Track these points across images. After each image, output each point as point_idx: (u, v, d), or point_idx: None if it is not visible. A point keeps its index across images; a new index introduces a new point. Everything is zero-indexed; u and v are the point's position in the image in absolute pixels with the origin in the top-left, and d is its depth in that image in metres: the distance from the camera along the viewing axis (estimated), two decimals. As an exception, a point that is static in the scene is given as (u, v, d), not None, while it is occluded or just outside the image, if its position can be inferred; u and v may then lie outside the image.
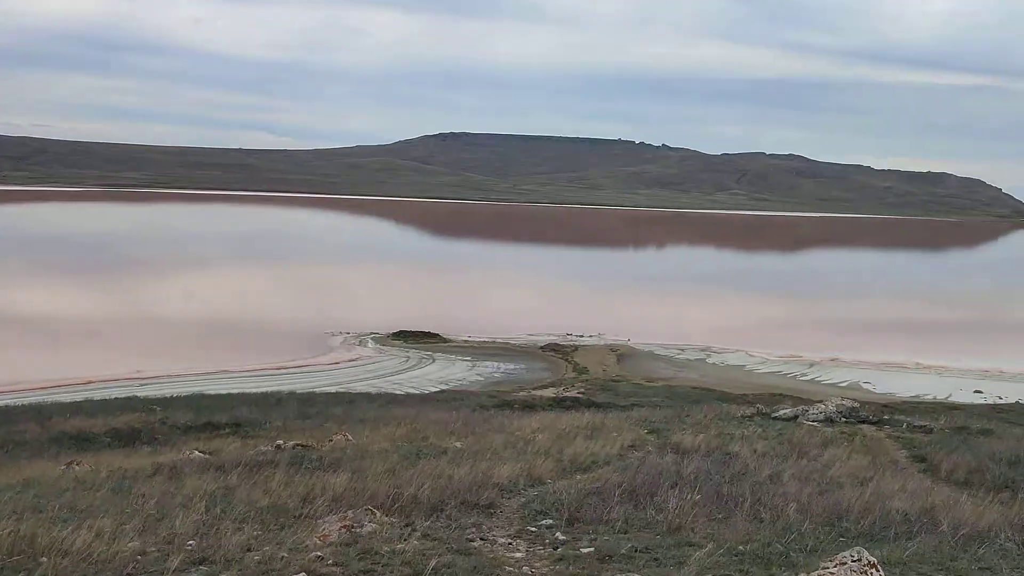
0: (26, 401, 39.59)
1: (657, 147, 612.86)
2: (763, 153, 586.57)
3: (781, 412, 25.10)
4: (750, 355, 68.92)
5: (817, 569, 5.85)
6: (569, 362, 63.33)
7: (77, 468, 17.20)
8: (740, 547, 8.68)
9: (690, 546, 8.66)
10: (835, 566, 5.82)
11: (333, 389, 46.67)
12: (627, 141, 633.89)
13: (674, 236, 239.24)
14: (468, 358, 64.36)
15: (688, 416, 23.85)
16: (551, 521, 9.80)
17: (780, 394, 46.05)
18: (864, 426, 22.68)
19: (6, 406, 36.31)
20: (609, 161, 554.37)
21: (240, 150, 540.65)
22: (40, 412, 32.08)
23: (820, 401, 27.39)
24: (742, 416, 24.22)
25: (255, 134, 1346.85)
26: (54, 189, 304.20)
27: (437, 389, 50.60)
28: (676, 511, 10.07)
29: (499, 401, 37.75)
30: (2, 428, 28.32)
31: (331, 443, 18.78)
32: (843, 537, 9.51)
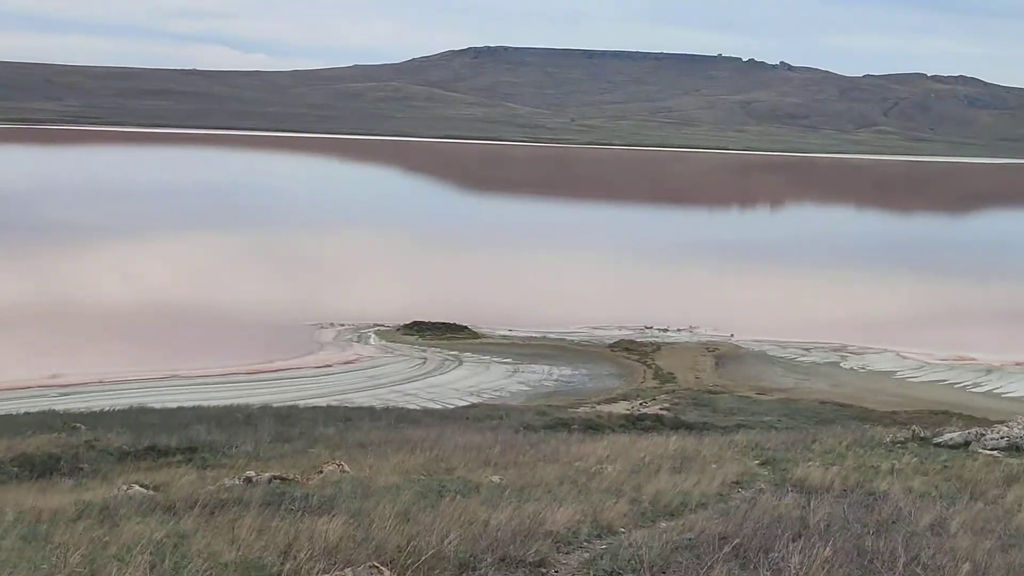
0: (-96, 416, 40.05)
1: (774, 66, 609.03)
2: (922, 75, 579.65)
3: (947, 437, 24.81)
4: (902, 357, 68.29)
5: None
6: (649, 366, 63.13)
7: (-25, 508, 17.40)
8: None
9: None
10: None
11: (323, 402, 46.74)
12: (731, 58, 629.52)
13: (797, 191, 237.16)
14: (508, 360, 64.33)
15: (816, 442, 23.63)
16: (626, 586, 9.75)
17: (945, 412, 45.61)
18: (1064, 457, 22.39)
19: None
20: (706, 86, 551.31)
21: (195, 72, 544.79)
22: (-77, 432, 32.44)
23: (1001, 422, 27.03)
24: (892, 442, 23.95)
25: (214, 50, 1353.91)
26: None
27: (466, 403, 50.66)
28: (800, 572, 9.98)
29: (552, 419, 37.71)
30: None
31: (320, 476, 18.84)
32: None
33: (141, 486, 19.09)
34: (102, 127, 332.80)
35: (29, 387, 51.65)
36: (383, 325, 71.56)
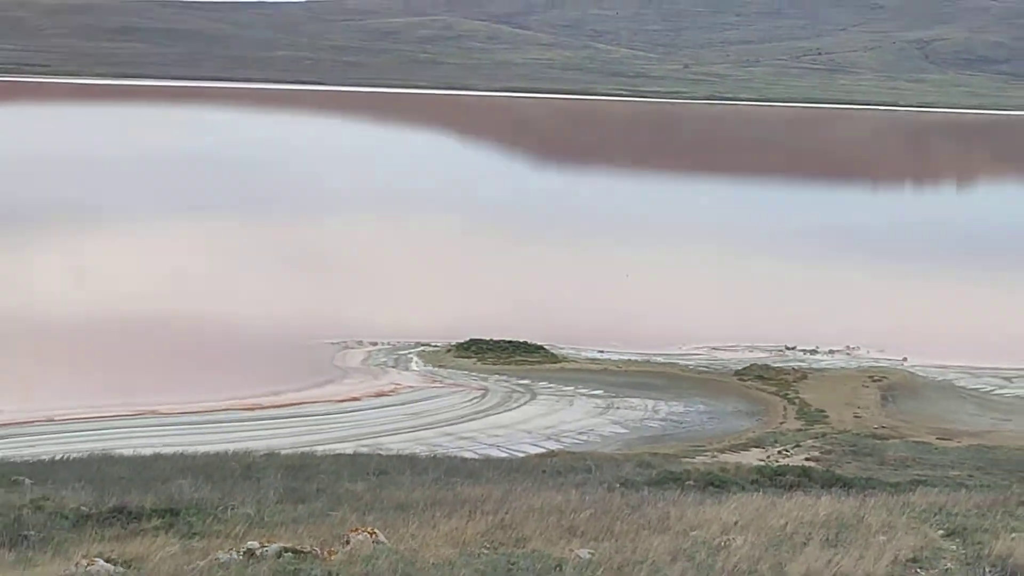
0: None
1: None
2: None
3: None
4: None
5: None
6: (791, 401, 62.87)
7: None
8: None
9: None
10: None
11: (349, 447, 46.95)
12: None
13: (993, 163, 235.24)
14: (598, 392, 64.26)
15: (1021, 504, 23.49)
16: None
17: None
18: None
19: None
20: (870, 20, 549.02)
21: (179, 2, 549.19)
22: None
23: None
24: (1125, 507, 23.78)
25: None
26: None
27: (542, 450, 50.67)
28: None
29: (659, 473, 37.63)
30: None
31: (347, 548, 18.92)
32: None
33: (106, 561, 19.25)
34: (52, 77, 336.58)
35: (-43, 427, 52.23)
36: (429, 345, 71.69)
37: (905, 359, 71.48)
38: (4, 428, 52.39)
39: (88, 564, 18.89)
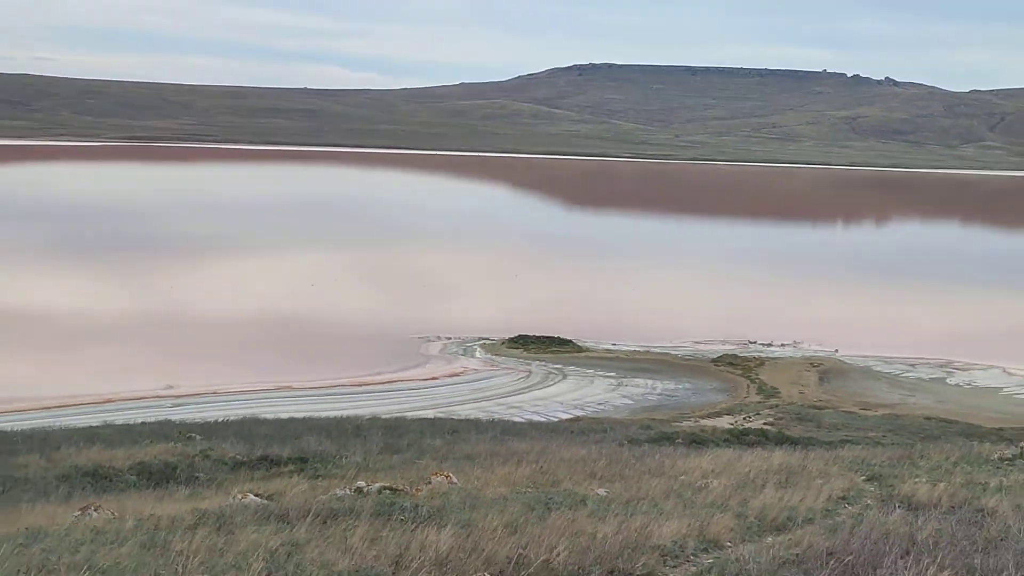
0: (27, 425, 40.69)
1: (879, 82, 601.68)
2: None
3: (1057, 454, 24.37)
4: (1010, 373, 67.03)
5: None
6: (752, 381, 62.64)
7: (95, 515, 17.66)
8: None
9: (931, 641, 8.44)
10: None
11: (430, 413, 46.84)
12: (836, 74, 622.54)
13: (901, 207, 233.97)
14: (612, 374, 64.15)
15: (922, 457, 23.27)
16: (734, 600, 9.69)
17: (1054, 429, 44.64)
18: None
19: (2, 432, 37.47)
20: (811, 102, 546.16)
21: (306, 90, 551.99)
22: (45, 440, 32.95)
23: (1114, 439, 26.55)
24: (1000, 458, 23.51)
25: (325, 69, 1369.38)
26: (61, 143, 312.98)
27: (570, 416, 50.56)
28: (910, 590, 9.84)
29: (656, 433, 37.54)
30: (-2, 461, 29.29)
31: (429, 487, 18.90)
32: None
33: (255, 495, 19.28)
34: (216, 144, 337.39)
35: (145, 398, 52.33)
36: (488, 338, 71.62)
37: (836, 350, 71.11)
38: (181, 399, 52.72)
39: (242, 497, 18.93)
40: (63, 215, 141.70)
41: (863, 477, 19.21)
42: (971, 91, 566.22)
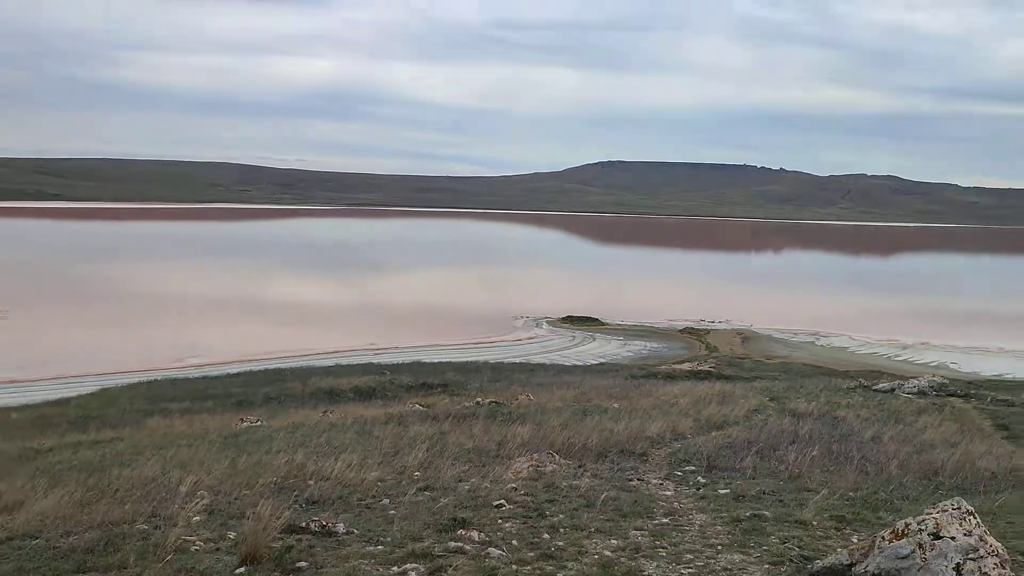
0: (292, 365, 41.46)
1: (776, 170, 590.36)
2: (865, 174, 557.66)
3: (880, 386, 23.88)
4: (852, 339, 65.70)
5: (921, 514, 5.51)
6: (702, 342, 61.97)
7: (330, 416, 17.95)
8: (851, 493, 8.31)
9: (808, 491, 8.33)
10: (937, 512, 5.47)
11: (517, 360, 47.02)
12: (751, 166, 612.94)
13: (790, 243, 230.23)
14: (621, 338, 63.80)
15: (802, 387, 22.96)
16: (693, 467, 9.61)
17: (879, 371, 43.75)
18: (953, 399, 21.33)
19: (278, 369, 38.13)
20: (739, 182, 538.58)
21: (447, 177, 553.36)
22: (302, 374, 33.57)
23: (914, 377, 25.97)
24: (847, 388, 23.15)
25: (458, 165, 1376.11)
26: (312, 208, 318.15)
27: (597, 362, 50.41)
28: (795, 463, 9.72)
29: (646, 372, 37.29)
30: (275, 385, 29.79)
31: (517, 402, 18.95)
32: (939, 490, 8.96)
33: (419, 405, 19.46)
34: (397, 208, 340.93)
35: (357, 350, 52.82)
36: (550, 317, 71.46)
37: (752, 325, 70.08)
38: (379, 350, 52.93)
39: (412, 406, 19.06)
40: (310, 248, 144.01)
41: (768, 398, 18.96)
42: (830, 175, 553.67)
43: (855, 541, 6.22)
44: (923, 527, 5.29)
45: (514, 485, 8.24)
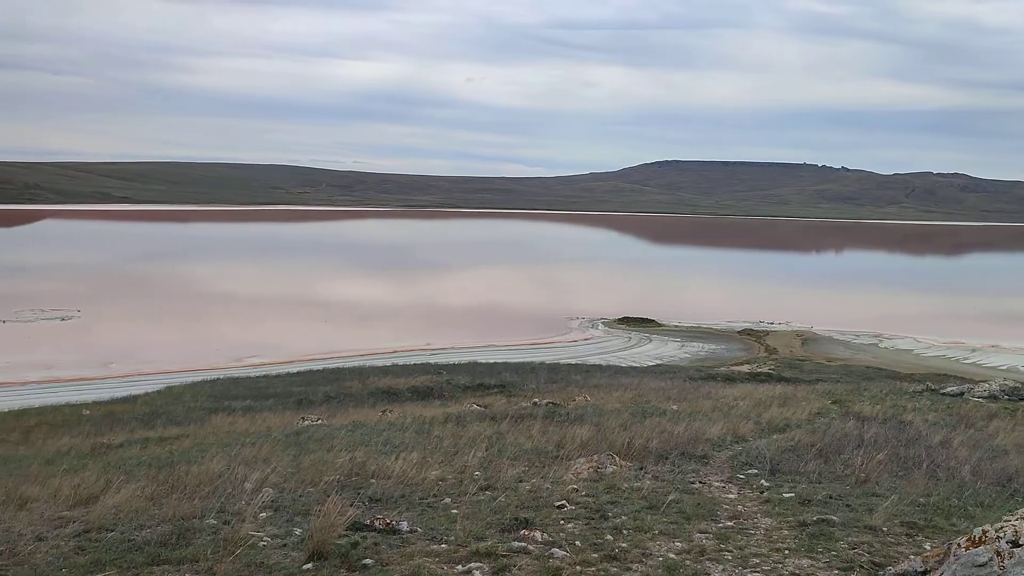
0: (351, 365, 41.95)
1: (837, 169, 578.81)
2: (930, 172, 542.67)
3: (948, 389, 23.20)
4: (918, 341, 64.12)
5: (998, 521, 5.35)
6: (761, 344, 61.11)
7: (389, 415, 18.11)
8: (922, 500, 8.08)
9: (876, 496, 8.13)
10: (1016, 519, 5.30)
11: (573, 361, 46.92)
12: (811, 164, 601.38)
13: (851, 242, 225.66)
14: (678, 339, 63.24)
15: (865, 390, 22.41)
16: (755, 471, 9.46)
17: (946, 374, 42.60)
18: (1025, 403, 20.63)
19: (337, 368, 38.61)
20: (796, 181, 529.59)
21: (502, 178, 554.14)
22: (361, 373, 33.93)
23: (983, 380, 25.21)
24: (913, 392, 22.52)
25: (513, 165, 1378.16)
26: (370, 209, 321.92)
27: (653, 363, 50.01)
28: (862, 467, 9.50)
29: (705, 374, 36.88)
30: (334, 385, 30.16)
31: (575, 402, 18.90)
32: (1014, 497, 8.67)
33: (477, 405, 19.53)
34: (453, 209, 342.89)
35: (414, 350, 53.33)
36: (606, 318, 71.20)
37: (812, 326, 68.88)
38: (436, 350, 53.43)
39: (469, 406, 19.13)
40: (367, 248, 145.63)
41: (830, 401, 18.57)
42: (894, 173, 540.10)
43: (928, 548, 6.07)
44: (1001, 534, 5.13)
45: (575, 486, 8.21)
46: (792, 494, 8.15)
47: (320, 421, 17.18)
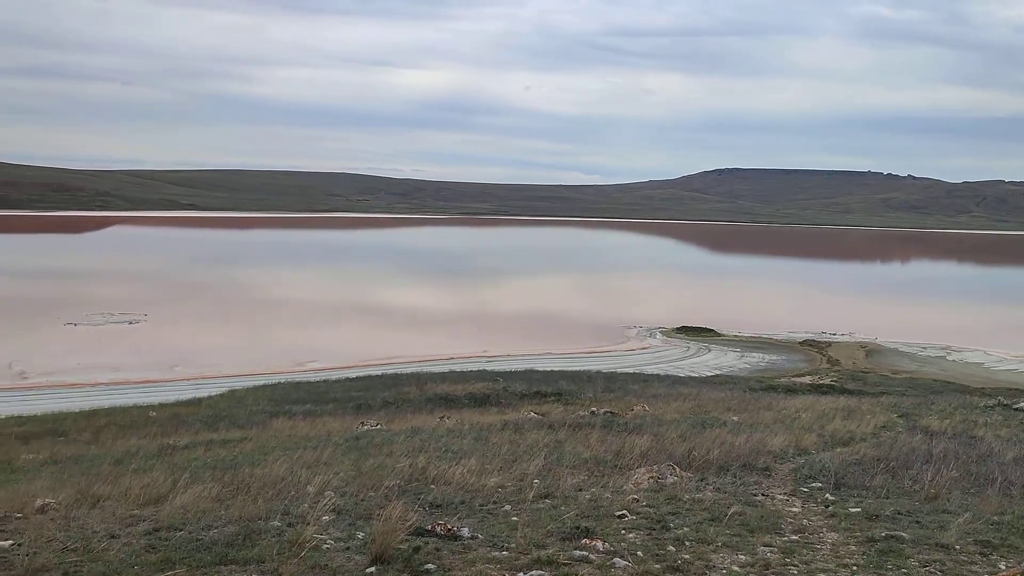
0: (409, 371, 42.21)
1: (903, 177, 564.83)
2: (1001, 180, 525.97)
3: (1021, 404, 22.45)
4: (988, 354, 62.20)
5: (1079, 543, 5.17)
6: (823, 355, 59.92)
7: (447, 421, 18.22)
8: (995, 518, 7.83)
9: (948, 513, 7.91)
10: (1099, 541, 5.12)
11: (631, 370, 46.54)
12: (876, 172, 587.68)
13: (918, 252, 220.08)
14: (738, 350, 62.39)
15: (933, 404, 21.82)
16: (819, 484, 9.28)
17: (1019, 389, 41.21)
18: (1105, 421, 19.86)
19: (395, 374, 38.91)
20: (860, 189, 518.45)
21: (560, 185, 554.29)
22: (419, 379, 34.13)
23: (1059, 397, 24.34)
24: (984, 406, 21.82)
25: (570, 173, 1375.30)
26: (427, 216, 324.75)
27: (712, 374, 49.40)
28: (931, 483, 9.25)
29: (765, 385, 36.33)
30: (393, 390, 30.44)
31: (633, 412, 18.78)
32: (1094, 518, 8.35)
33: (534, 413, 19.54)
34: (510, 217, 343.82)
35: (471, 357, 53.53)
36: (664, 327, 70.59)
37: (876, 338, 67.32)
38: (492, 357, 53.59)
39: (527, 414, 19.15)
40: (425, 255, 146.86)
41: (896, 414, 18.13)
42: (963, 182, 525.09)
43: (1003, 568, 5.89)
44: (1082, 556, 4.95)
45: (635, 496, 8.16)
46: (858, 509, 7.97)
47: (379, 426, 17.36)
